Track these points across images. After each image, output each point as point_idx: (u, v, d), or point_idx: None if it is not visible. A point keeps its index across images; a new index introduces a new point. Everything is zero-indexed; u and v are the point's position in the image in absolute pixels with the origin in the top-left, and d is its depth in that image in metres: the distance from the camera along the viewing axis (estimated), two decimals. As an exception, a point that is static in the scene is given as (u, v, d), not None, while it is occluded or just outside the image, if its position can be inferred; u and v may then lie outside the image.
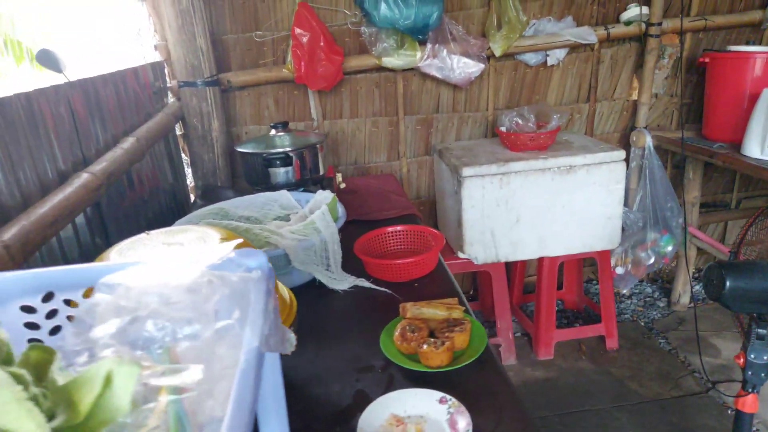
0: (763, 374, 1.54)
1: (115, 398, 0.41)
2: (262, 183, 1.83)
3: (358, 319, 1.24)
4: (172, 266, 0.52)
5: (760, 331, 1.52)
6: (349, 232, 1.53)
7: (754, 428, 2.02)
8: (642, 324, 2.73)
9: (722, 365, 2.37)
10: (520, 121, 2.36)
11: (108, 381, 0.41)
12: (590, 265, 2.96)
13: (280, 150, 1.79)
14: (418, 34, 2.34)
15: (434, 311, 1.10)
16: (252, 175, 1.87)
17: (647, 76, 2.65)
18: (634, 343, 2.58)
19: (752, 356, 1.53)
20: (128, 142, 1.60)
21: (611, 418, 2.13)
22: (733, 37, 2.70)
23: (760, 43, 2.64)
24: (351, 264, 1.41)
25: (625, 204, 2.70)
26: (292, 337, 0.57)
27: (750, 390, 1.56)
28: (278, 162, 1.78)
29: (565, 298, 2.89)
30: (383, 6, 2.21)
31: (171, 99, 2.26)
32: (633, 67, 2.71)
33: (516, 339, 2.64)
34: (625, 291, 2.94)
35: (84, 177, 1.27)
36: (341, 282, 1.34)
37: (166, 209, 1.98)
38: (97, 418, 0.40)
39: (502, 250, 2.33)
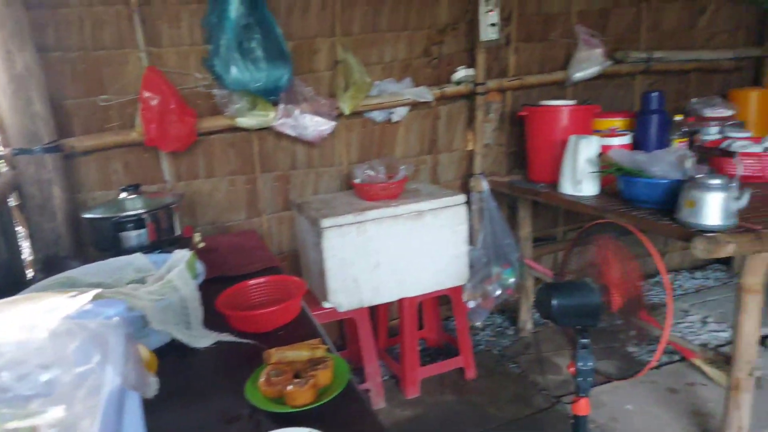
0: (590, 379, 1.77)
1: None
2: (113, 248, 1.77)
3: (224, 374, 1.24)
4: (30, 317, 0.54)
5: (583, 341, 1.76)
6: (213, 289, 1.54)
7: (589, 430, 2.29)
8: (495, 352, 2.97)
9: (564, 380, 2.66)
10: (372, 173, 2.54)
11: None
12: (446, 303, 3.18)
13: (132, 213, 1.76)
14: (270, 96, 2.45)
15: (297, 353, 1.16)
16: (101, 242, 1.80)
17: (478, 129, 3.00)
18: (489, 371, 2.79)
19: (580, 364, 1.76)
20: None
21: (477, 443, 2.28)
22: (545, 93, 3.16)
23: (564, 98, 3.11)
24: (215, 320, 1.42)
25: (471, 243, 2.98)
26: (153, 381, 0.59)
27: (582, 395, 1.79)
28: (130, 225, 1.74)
29: (427, 337, 3.06)
30: (234, 70, 2.29)
31: (3, 168, 2.11)
32: (466, 121, 3.05)
33: (385, 382, 2.73)
34: (478, 323, 3.19)
35: None
36: (203, 339, 1.34)
37: (-1, 286, 1.82)
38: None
39: (364, 295, 2.44)
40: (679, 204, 2.00)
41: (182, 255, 1.44)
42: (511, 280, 2.97)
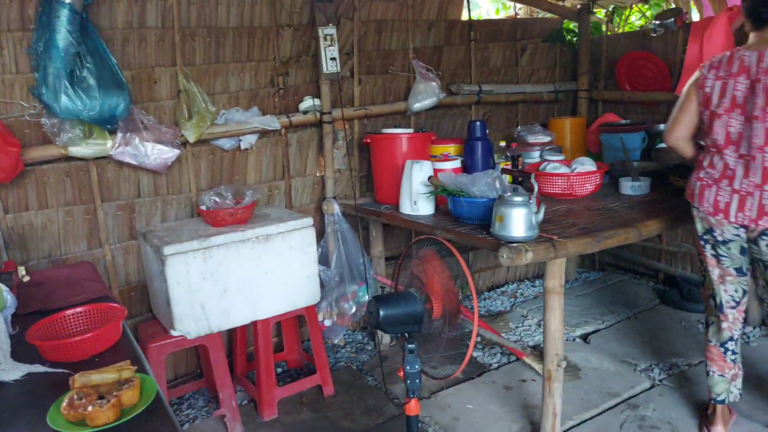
0: (417, 380, 1.94)
1: None
2: None
3: (31, 404, 1.23)
4: None
5: (409, 346, 1.93)
6: (33, 322, 1.50)
7: (431, 429, 2.46)
8: (354, 368, 3.09)
9: (415, 387, 2.83)
10: (218, 200, 2.58)
11: None
12: (305, 324, 3.26)
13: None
14: (107, 124, 2.41)
15: (103, 376, 1.18)
16: None
17: (328, 155, 3.15)
18: (347, 386, 2.90)
19: (407, 368, 1.92)
20: None
21: (328, 456, 2.36)
22: (390, 121, 3.39)
23: (408, 127, 3.37)
24: (29, 353, 1.39)
25: (326, 263, 3.10)
26: None
27: (411, 396, 1.95)
28: (-63, 261, 1.64)
29: (287, 359, 3.11)
30: (64, 98, 2.24)
31: None
32: (317, 148, 3.20)
33: (242, 406, 2.74)
34: (337, 341, 3.30)
35: None
36: (12, 372, 1.31)
37: None
38: None
39: (213, 321, 2.45)
40: (492, 219, 2.26)
41: (-11, 288, 1.40)
42: (366, 297, 3.13)
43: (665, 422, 2.41)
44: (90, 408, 1.08)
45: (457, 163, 2.90)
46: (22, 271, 1.92)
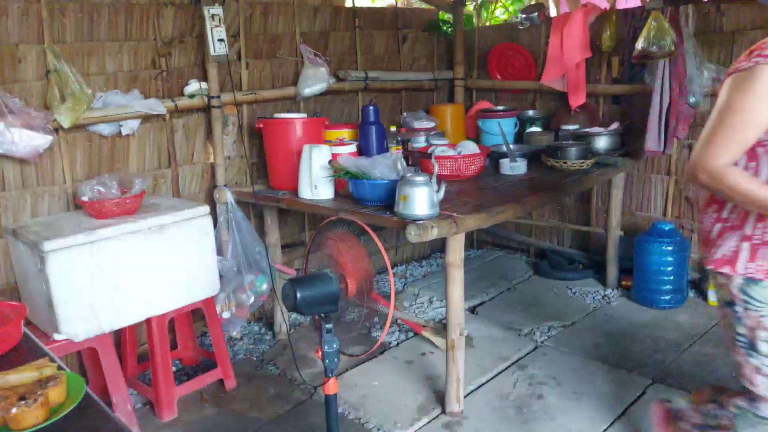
0: (335, 359, 1.96)
1: None
2: None
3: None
4: None
5: (327, 326, 1.94)
6: None
7: (341, 409, 2.50)
8: (254, 358, 3.03)
9: (320, 372, 2.82)
10: (102, 190, 2.38)
11: None
12: (200, 319, 3.12)
13: None
14: (-37, 106, 2.11)
15: (21, 375, 1.06)
16: None
17: (218, 141, 3.03)
18: (250, 378, 2.84)
19: (326, 347, 1.94)
20: None
21: (240, 448, 2.31)
22: (280, 107, 3.34)
23: (297, 112, 3.34)
24: None
25: (220, 253, 2.99)
26: None
27: (330, 375, 1.97)
28: None
29: (182, 356, 2.96)
30: None
31: None
32: (205, 134, 3.06)
33: (137, 410, 2.57)
34: (235, 333, 3.20)
35: None
36: None
37: None
38: None
39: (104, 321, 2.27)
40: (396, 200, 2.34)
41: None
42: (264, 286, 3.07)
43: (551, 378, 2.67)
44: (14, 410, 0.97)
45: (352, 148, 2.93)
46: None
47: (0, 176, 2.38)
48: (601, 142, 3.40)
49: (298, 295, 1.87)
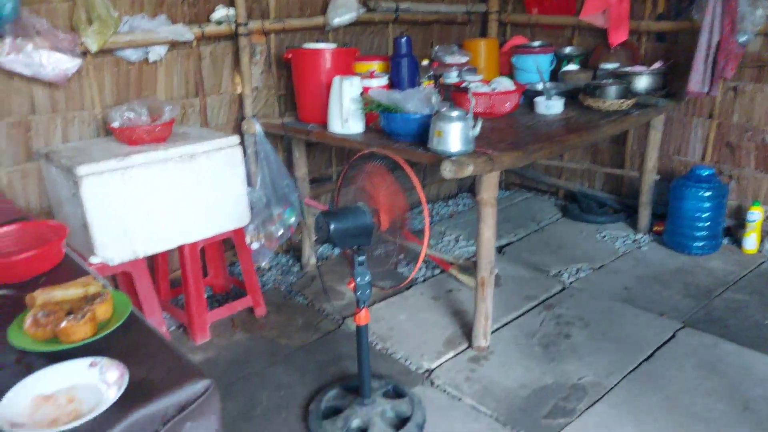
0: (367, 291, 1.97)
1: None
2: None
3: (-25, 329, 1.09)
4: None
5: (359, 259, 1.94)
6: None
7: (369, 340, 2.54)
8: (283, 289, 3.07)
9: (347, 304, 2.88)
10: (132, 116, 2.35)
11: None
12: (230, 248, 3.15)
13: None
14: (-8, 26, 2.07)
15: (68, 291, 1.07)
16: None
17: (245, 71, 2.96)
18: (278, 307, 2.89)
19: (358, 279, 1.94)
20: None
21: (270, 373, 2.37)
22: (308, 37, 3.23)
23: (327, 41, 3.23)
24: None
25: (249, 185, 2.98)
26: None
27: (361, 306, 1.98)
28: None
29: (212, 284, 3.02)
30: (-64, -10, 1.87)
31: None
32: (232, 63, 2.98)
33: (172, 332, 2.65)
34: (264, 264, 3.24)
35: None
36: (-59, 297, 1.15)
37: None
38: None
39: (138, 246, 2.30)
40: (430, 135, 2.28)
41: None
42: (293, 219, 3.07)
43: (578, 318, 2.67)
44: (63, 324, 0.98)
45: (384, 81, 2.85)
46: None
47: (30, 99, 2.35)
48: (642, 82, 3.25)
49: (332, 227, 1.86)
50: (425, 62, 3.21)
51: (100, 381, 0.90)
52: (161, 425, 0.87)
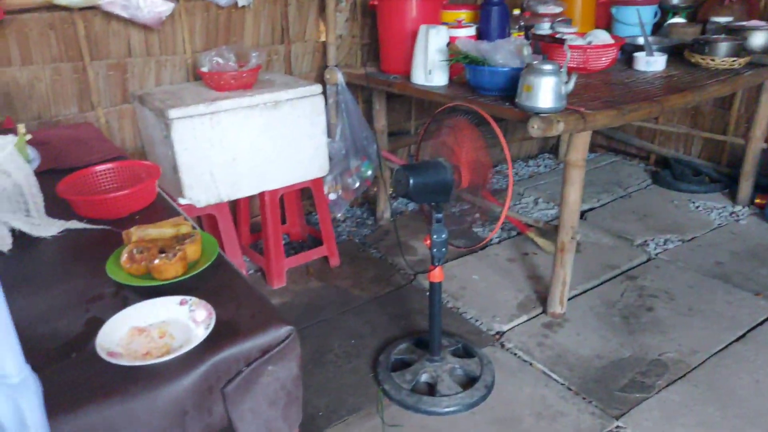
0: (443, 249, 1.94)
1: None
2: None
3: (77, 260, 1.16)
4: None
5: (437, 216, 1.91)
6: (51, 181, 1.38)
7: (443, 298, 2.53)
8: (357, 241, 3.10)
9: (420, 260, 2.87)
10: (221, 61, 2.38)
11: None
12: (307, 198, 3.20)
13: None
14: (93, -32, 2.13)
15: (160, 230, 1.11)
16: None
17: (330, 18, 2.91)
18: (352, 258, 2.92)
19: (435, 237, 1.91)
20: None
21: (342, 321, 2.42)
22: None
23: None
24: (59, 210, 1.29)
25: (329, 136, 2.98)
26: (6, 234, 0.53)
27: (436, 263, 1.96)
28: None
29: (289, 232, 3.09)
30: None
31: None
32: (317, 10, 2.95)
33: (250, 276, 2.75)
34: (339, 215, 3.28)
35: None
36: (47, 228, 1.22)
37: None
38: None
39: (223, 190, 2.37)
40: (519, 89, 2.16)
41: (8, 139, 1.27)
42: (369, 172, 3.06)
43: (663, 291, 2.53)
44: (156, 261, 1.01)
45: (472, 31, 2.72)
46: (22, 128, 1.75)
47: (127, 42, 2.43)
48: (759, 39, 2.92)
49: (411, 181, 1.82)
50: (516, 12, 3.04)
51: (189, 319, 0.93)
52: (245, 366, 0.90)
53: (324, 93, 2.63)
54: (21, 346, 0.62)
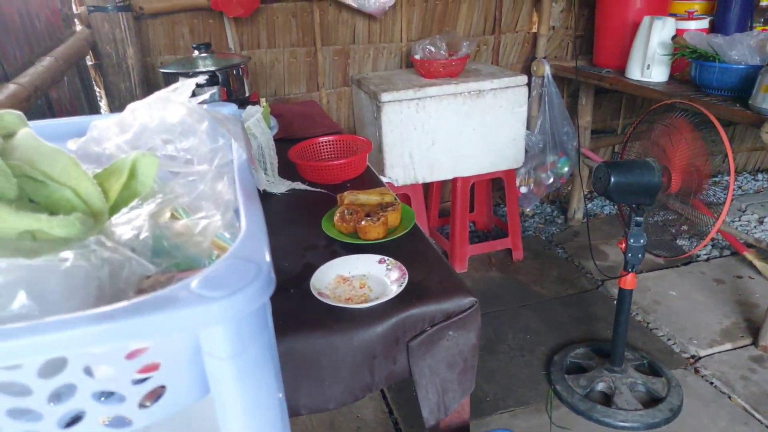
0: (639, 255, 1.82)
1: (139, 184, 0.50)
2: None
3: (299, 213, 1.35)
4: (166, 103, 0.61)
5: (637, 219, 1.79)
6: (283, 147, 1.61)
7: (631, 310, 2.37)
8: (543, 238, 3.04)
9: (609, 266, 2.72)
10: (432, 50, 2.50)
11: (133, 169, 0.50)
12: (497, 189, 3.22)
13: (205, 70, 1.82)
14: (333, -37, 2.38)
15: (368, 197, 1.24)
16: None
17: (545, 9, 2.86)
18: (536, 254, 2.88)
19: (632, 241, 1.81)
20: (46, 61, 1.57)
21: (519, 315, 2.41)
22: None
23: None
24: (285, 173, 1.51)
25: (528, 128, 2.95)
26: (263, 176, 0.67)
27: (630, 270, 1.85)
28: (204, 82, 1.80)
29: (476, 220, 3.14)
30: (297, -68, 2.23)
31: (78, 27, 2.18)
32: (532, 1, 2.91)
33: (434, 257, 2.86)
34: (528, 210, 3.24)
35: (11, 88, 1.27)
36: (278, 186, 1.44)
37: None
38: (124, 201, 0.49)
39: (420, 172, 2.50)
40: (755, 89, 1.92)
41: (255, 108, 1.51)
42: (566, 169, 2.97)
43: None
44: (363, 222, 1.14)
45: (704, 23, 2.46)
46: (264, 102, 2.05)
47: (352, 30, 2.68)
48: None
49: (612, 179, 1.74)
50: (764, 2, 2.66)
51: (386, 276, 1.04)
52: (429, 326, 0.98)
53: (528, 84, 2.61)
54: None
